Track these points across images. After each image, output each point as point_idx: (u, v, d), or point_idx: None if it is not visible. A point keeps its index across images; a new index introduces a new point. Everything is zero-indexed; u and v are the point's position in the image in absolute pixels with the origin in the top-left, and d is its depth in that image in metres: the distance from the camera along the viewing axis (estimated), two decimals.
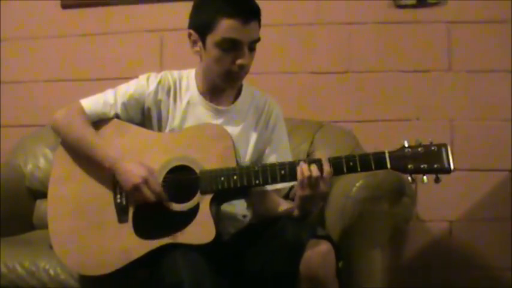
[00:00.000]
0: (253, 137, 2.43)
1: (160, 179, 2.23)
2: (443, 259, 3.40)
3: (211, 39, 2.25)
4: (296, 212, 2.23)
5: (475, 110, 3.37)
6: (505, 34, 3.34)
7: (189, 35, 2.34)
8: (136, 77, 2.46)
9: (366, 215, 2.42)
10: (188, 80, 2.45)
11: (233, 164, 2.20)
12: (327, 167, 2.09)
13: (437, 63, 3.40)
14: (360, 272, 2.47)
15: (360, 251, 2.48)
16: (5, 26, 3.69)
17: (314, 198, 2.14)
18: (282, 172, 2.15)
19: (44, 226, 2.37)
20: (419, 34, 3.41)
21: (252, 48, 2.28)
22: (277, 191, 2.46)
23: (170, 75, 2.45)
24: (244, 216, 2.43)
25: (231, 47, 2.23)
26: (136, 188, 2.18)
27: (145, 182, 2.17)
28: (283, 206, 2.39)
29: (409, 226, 3.28)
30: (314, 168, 2.09)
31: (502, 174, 3.34)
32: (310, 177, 2.08)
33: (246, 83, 2.49)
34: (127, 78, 2.47)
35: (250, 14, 2.24)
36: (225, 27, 2.21)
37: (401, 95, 3.41)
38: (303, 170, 2.09)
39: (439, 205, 3.38)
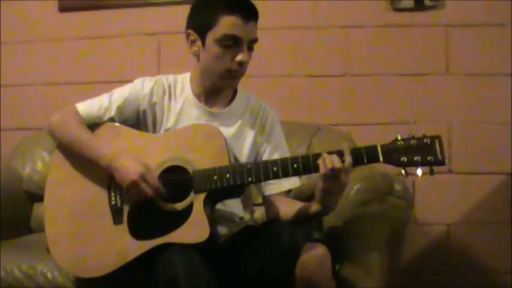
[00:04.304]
0: (249, 139, 2.44)
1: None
2: (441, 262, 3.40)
3: (211, 36, 2.27)
4: (316, 206, 2.21)
5: (472, 113, 3.37)
6: (503, 37, 3.34)
7: (188, 35, 2.36)
8: (134, 80, 2.47)
9: (363, 218, 2.42)
10: (183, 83, 2.46)
11: (226, 163, 2.20)
12: (348, 158, 2.08)
13: (435, 67, 3.40)
14: (357, 275, 2.46)
15: (357, 254, 2.48)
16: (2, 28, 3.70)
17: (337, 190, 2.13)
18: (274, 169, 2.15)
19: (42, 229, 2.37)
20: (417, 37, 3.41)
21: (250, 48, 2.31)
22: (286, 193, 2.45)
23: (165, 78, 2.47)
24: (241, 218, 2.43)
25: (231, 43, 2.26)
26: (133, 185, 2.18)
27: (143, 177, 2.18)
28: (297, 205, 2.36)
29: (407, 229, 3.28)
30: (336, 159, 2.07)
31: (500, 178, 3.34)
32: (333, 168, 2.06)
33: (241, 88, 2.49)
34: (125, 82, 2.47)
35: (251, 12, 2.29)
36: (227, 23, 2.24)
37: (399, 98, 3.41)
38: (326, 161, 2.07)
39: (436, 208, 3.39)
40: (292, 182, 2.43)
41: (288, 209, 2.38)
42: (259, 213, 2.62)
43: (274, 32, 3.39)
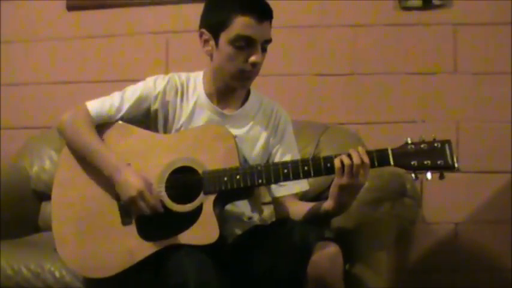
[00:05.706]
0: (261, 140, 2.43)
1: (164, 181, 2.23)
2: (449, 261, 3.39)
3: (225, 36, 2.26)
4: (329, 203, 2.19)
5: (481, 112, 3.37)
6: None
7: (201, 35, 2.35)
8: (143, 79, 2.46)
9: (371, 217, 2.42)
10: (196, 82, 2.45)
11: (236, 164, 2.19)
12: (366, 157, 2.08)
13: (443, 65, 3.40)
14: (366, 274, 2.46)
15: (365, 253, 2.48)
16: (10, 27, 3.70)
17: (353, 188, 2.12)
18: (285, 171, 2.14)
19: (50, 228, 2.37)
20: (425, 36, 3.40)
21: (264, 49, 2.30)
22: (295, 195, 2.44)
23: (178, 77, 2.45)
24: (250, 218, 2.43)
25: (245, 44, 2.25)
26: (132, 201, 2.18)
27: (141, 195, 2.16)
28: (308, 205, 2.35)
29: (415, 228, 3.28)
30: (356, 156, 2.08)
31: (508, 176, 3.33)
32: (351, 165, 2.07)
33: (254, 88, 2.49)
34: (133, 81, 2.47)
35: (265, 13, 2.27)
36: (240, 24, 2.23)
37: (407, 97, 3.41)
38: (344, 159, 2.08)
39: (444, 207, 3.38)
40: (301, 186, 2.42)
41: (298, 209, 2.37)
42: (268, 212, 2.62)
43: (282, 30, 3.34)
